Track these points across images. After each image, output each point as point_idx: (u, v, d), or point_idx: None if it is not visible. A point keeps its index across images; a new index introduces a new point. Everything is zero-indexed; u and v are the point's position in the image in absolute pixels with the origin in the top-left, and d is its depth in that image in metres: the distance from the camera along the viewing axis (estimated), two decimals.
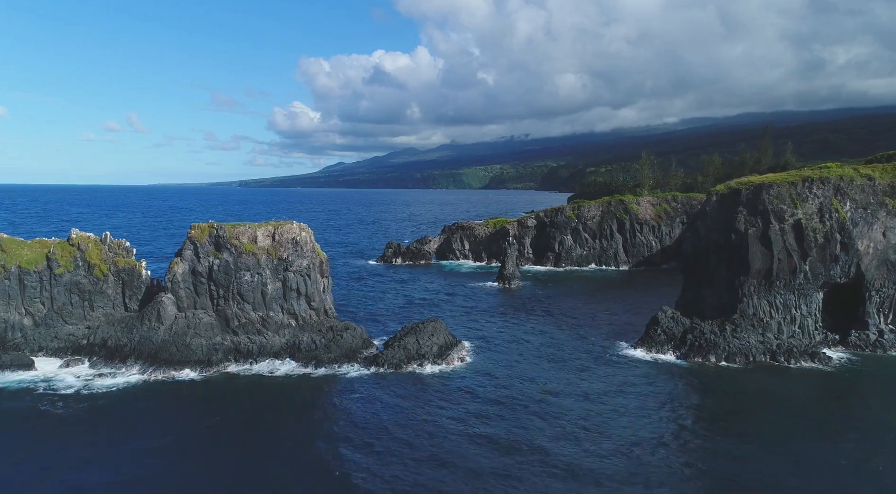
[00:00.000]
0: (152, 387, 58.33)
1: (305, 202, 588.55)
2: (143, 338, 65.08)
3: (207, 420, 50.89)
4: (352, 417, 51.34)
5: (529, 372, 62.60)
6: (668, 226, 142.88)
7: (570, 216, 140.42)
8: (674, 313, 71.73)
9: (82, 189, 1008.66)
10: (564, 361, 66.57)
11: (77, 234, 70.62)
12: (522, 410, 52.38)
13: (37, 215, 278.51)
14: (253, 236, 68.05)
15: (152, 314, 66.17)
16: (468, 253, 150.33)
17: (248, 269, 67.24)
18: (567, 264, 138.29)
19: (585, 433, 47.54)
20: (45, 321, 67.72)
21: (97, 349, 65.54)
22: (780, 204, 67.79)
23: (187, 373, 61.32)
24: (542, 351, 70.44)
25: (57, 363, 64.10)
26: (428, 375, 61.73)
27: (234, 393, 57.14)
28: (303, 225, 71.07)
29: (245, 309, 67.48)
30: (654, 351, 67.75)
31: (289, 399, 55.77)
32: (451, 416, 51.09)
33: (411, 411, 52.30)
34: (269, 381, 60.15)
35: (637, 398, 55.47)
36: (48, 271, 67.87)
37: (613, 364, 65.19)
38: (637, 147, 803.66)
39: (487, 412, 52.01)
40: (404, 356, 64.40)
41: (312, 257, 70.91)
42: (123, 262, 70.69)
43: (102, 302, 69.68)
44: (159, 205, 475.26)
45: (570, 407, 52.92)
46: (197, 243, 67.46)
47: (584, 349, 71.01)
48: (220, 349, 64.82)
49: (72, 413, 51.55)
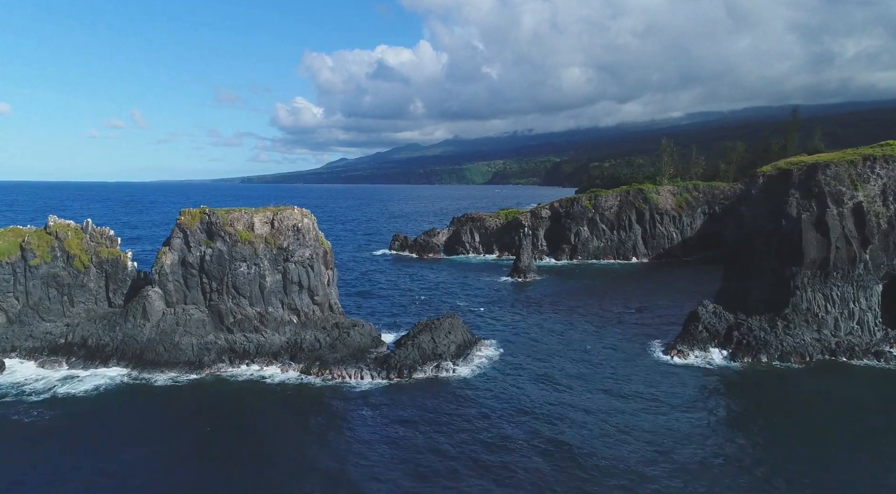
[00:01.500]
0: (136, 391, 51.54)
1: (308, 198, 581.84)
2: (127, 337, 58.28)
3: (197, 431, 44.09)
4: (362, 429, 44.53)
5: (560, 375, 55.67)
6: (689, 216, 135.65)
7: (586, 206, 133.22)
8: (715, 307, 64.70)
9: (84, 186, 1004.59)
10: (598, 362, 59.60)
11: (55, 221, 63.81)
12: (558, 421, 45.45)
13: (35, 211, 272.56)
14: (249, 222, 61.15)
15: (137, 309, 59.36)
16: (478, 246, 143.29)
17: (245, 259, 60.34)
18: (583, 257, 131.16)
19: (641, 453, 40.58)
20: (19, 317, 60.97)
21: (76, 348, 58.77)
22: (839, 185, 60.65)
23: (176, 376, 54.51)
24: (571, 351, 63.49)
25: (31, 364, 57.37)
26: (446, 378, 54.84)
27: (227, 399, 50.32)
28: (304, 211, 64.15)
29: (241, 304, 60.60)
30: (696, 350, 60.71)
31: (289, 407, 48.94)
32: (474, 429, 44.22)
33: (430, 422, 45.42)
34: (268, 385, 53.29)
35: (688, 406, 48.49)
36: (22, 262, 61.09)
37: (653, 365, 58.22)
38: (641, 142, 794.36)
39: (517, 423, 45.11)
40: (419, 357, 57.49)
41: (316, 246, 64.00)
42: (107, 252, 63.90)
43: (83, 297, 62.90)
44: (163, 201, 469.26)
45: (612, 417, 45.97)
46: (187, 230, 60.59)
47: (618, 349, 64.04)
48: (212, 349, 57.98)
49: (46, 423, 44.82)
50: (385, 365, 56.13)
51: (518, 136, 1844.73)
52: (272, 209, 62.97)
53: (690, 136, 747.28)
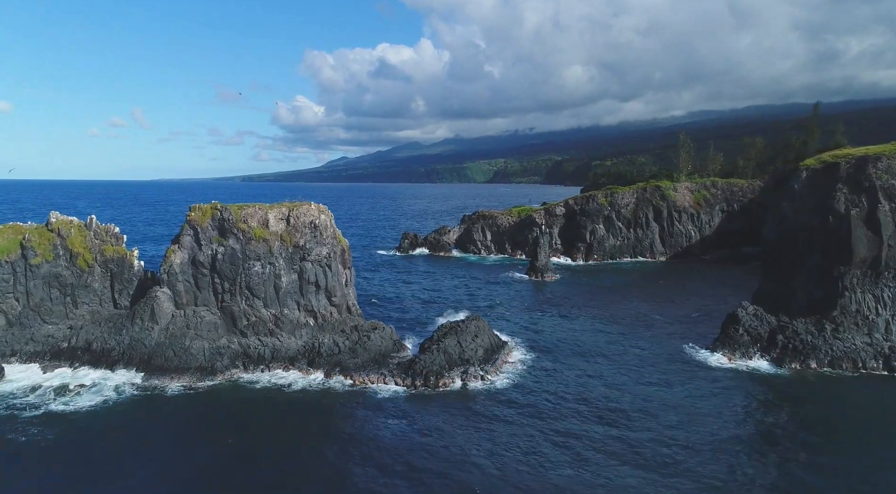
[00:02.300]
0: (145, 400, 47.97)
1: (310, 196, 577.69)
2: (134, 340, 54.74)
3: (213, 445, 40.55)
4: (388, 440, 41.10)
5: (596, 383, 52.11)
6: (707, 214, 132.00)
7: (602, 204, 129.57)
8: (756, 309, 61.14)
9: (84, 185, 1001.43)
10: (635, 367, 56.04)
11: (57, 218, 60.25)
12: (598, 438, 41.89)
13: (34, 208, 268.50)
14: (264, 219, 57.57)
15: (145, 311, 55.81)
16: (490, 244, 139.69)
17: (259, 258, 56.78)
18: (599, 256, 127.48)
19: (693, 471, 37.03)
20: (19, 319, 57.48)
21: (80, 353, 55.27)
22: (892, 179, 57.04)
23: (186, 383, 50.95)
24: (603, 356, 59.93)
25: (32, 369, 53.88)
26: (475, 385, 51.26)
27: (244, 409, 46.74)
28: (321, 206, 60.59)
29: (255, 306, 57.05)
30: (738, 355, 57.17)
31: (311, 417, 45.38)
32: (508, 444, 40.68)
33: (460, 434, 41.91)
34: (286, 393, 49.72)
35: (742, 420, 45.00)
36: (23, 261, 57.58)
37: (694, 372, 54.64)
38: (643, 141, 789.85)
39: (554, 438, 41.55)
40: (445, 362, 53.93)
41: (333, 244, 60.45)
42: (112, 250, 60.37)
43: (87, 298, 59.39)
44: (166, 198, 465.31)
45: (660, 429, 42.42)
46: (198, 227, 57.03)
47: (654, 352, 60.49)
48: (225, 354, 54.46)
49: (46, 438, 41.22)
50: (410, 371, 52.57)
51: (519, 134, 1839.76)
52: (287, 205, 59.39)
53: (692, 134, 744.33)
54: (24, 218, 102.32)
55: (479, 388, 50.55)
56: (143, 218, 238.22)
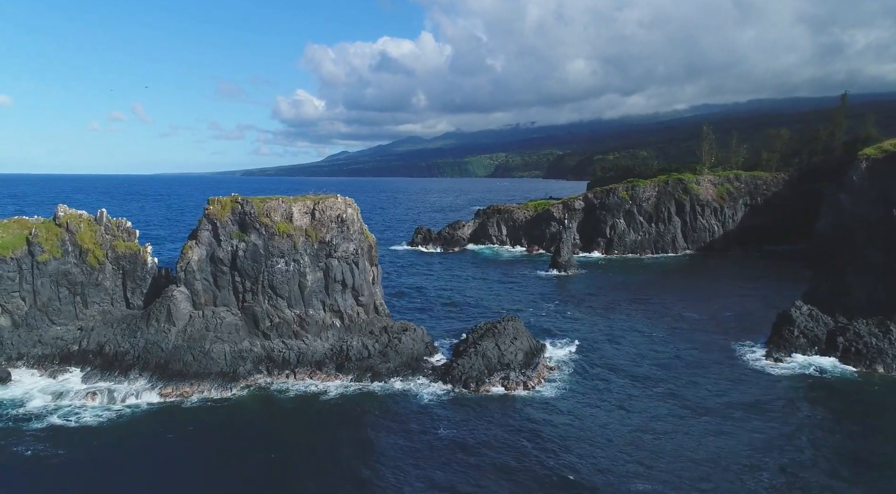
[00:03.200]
0: (162, 410, 44.22)
1: (311, 190, 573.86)
2: (149, 343, 50.94)
3: (240, 463, 36.80)
4: (428, 454, 37.44)
5: (646, 390, 48.33)
6: (731, 208, 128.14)
7: (623, 197, 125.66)
8: (810, 309, 57.36)
9: (85, 179, 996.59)
10: (685, 370, 52.29)
11: (65, 211, 56.36)
12: (653, 452, 38.15)
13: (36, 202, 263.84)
14: (288, 212, 53.69)
15: (161, 312, 51.99)
16: (505, 239, 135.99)
17: (283, 255, 52.95)
18: (620, 251, 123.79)
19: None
20: (25, 320, 53.64)
21: (92, 356, 51.48)
22: None
23: (207, 390, 47.19)
24: (648, 358, 56.21)
25: (40, 375, 50.15)
26: (517, 392, 47.48)
27: (270, 419, 43.00)
28: (348, 200, 56.71)
29: (278, 306, 53.25)
30: (797, 357, 53.43)
31: (343, 428, 41.61)
32: (559, 457, 36.97)
33: (506, 446, 38.22)
34: (315, 401, 45.94)
35: (809, 424, 41.24)
36: (29, 257, 53.72)
37: (752, 376, 50.88)
38: (645, 134, 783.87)
39: (607, 450, 37.82)
40: (484, 367, 50.20)
41: (360, 239, 56.61)
42: (124, 246, 56.50)
43: (98, 297, 55.56)
44: (168, 193, 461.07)
45: (724, 436, 38.72)
46: (217, 221, 53.15)
47: (701, 354, 56.77)
48: (248, 358, 50.68)
49: (56, 454, 37.52)
50: (448, 377, 48.85)
51: (520, 128, 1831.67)
52: (312, 198, 55.53)
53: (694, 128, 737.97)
54: (27, 212, 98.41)
55: (522, 395, 46.77)
56: (146, 213, 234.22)
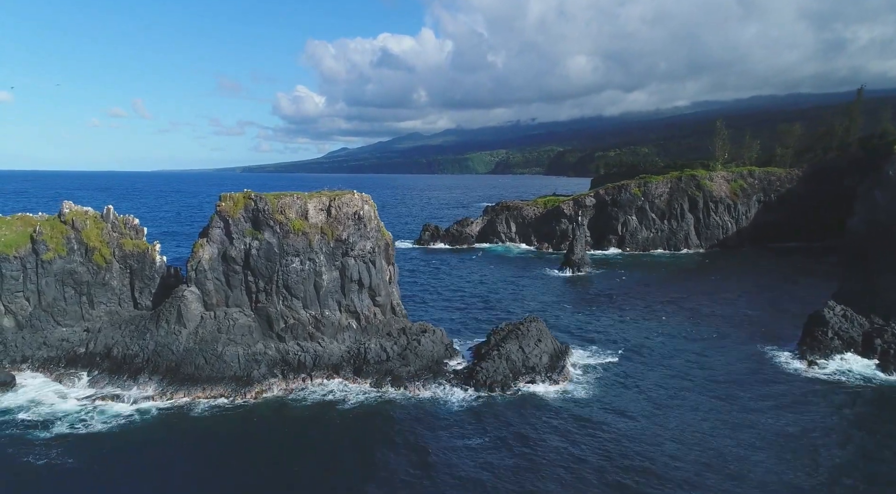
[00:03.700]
0: (174, 416, 42.13)
1: (312, 187, 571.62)
2: (159, 346, 48.85)
3: (258, 474, 34.74)
4: (456, 464, 35.29)
5: (679, 390, 46.28)
6: (744, 205, 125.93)
7: (635, 194, 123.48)
8: (845, 310, 55.30)
9: (86, 176, 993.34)
10: (716, 372, 50.21)
11: (71, 208, 54.24)
12: (694, 465, 36.11)
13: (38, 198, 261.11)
14: (303, 209, 51.54)
15: (171, 313, 49.88)
16: (515, 236, 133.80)
17: (298, 253, 50.83)
18: (631, 248, 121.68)
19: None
20: (30, 321, 51.61)
21: (99, 359, 49.41)
22: None
23: (220, 395, 45.12)
24: (677, 358, 54.17)
25: (45, 379, 48.11)
26: (546, 398, 45.40)
27: (288, 430, 40.77)
28: (365, 196, 54.61)
29: (293, 307, 51.15)
30: (833, 360, 51.37)
31: (371, 442, 39.36)
32: (598, 472, 34.90)
33: (540, 458, 36.14)
34: (333, 406, 43.80)
35: (864, 448, 39.19)
36: (33, 256, 51.65)
37: (788, 379, 48.84)
38: (646, 131, 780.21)
39: (650, 461, 35.79)
40: (509, 371, 48.14)
41: (377, 237, 54.51)
42: (131, 244, 54.40)
43: (105, 297, 53.51)
44: (168, 190, 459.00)
45: (764, 447, 36.69)
46: (229, 219, 51.02)
47: (731, 357, 54.73)
48: (262, 361, 48.59)
49: (65, 463, 35.52)
50: (472, 381, 46.73)
51: (521, 125, 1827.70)
52: (328, 194, 53.39)
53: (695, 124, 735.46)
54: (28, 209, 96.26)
55: (551, 399, 44.70)
56: (150, 210, 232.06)
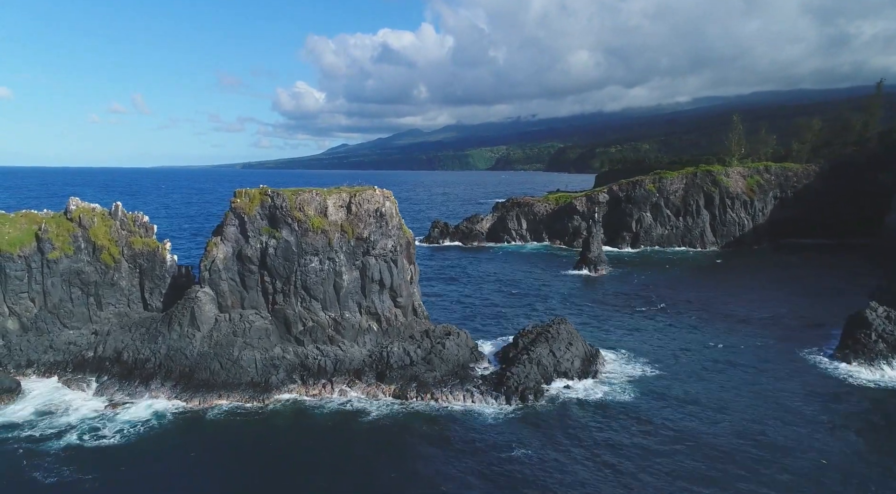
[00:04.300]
0: (189, 426, 39.70)
1: (314, 183, 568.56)
2: (172, 350, 46.39)
3: (278, 487, 32.32)
4: (495, 479, 32.87)
5: (725, 406, 43.73)
6: (760, 201, 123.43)
7: (650, 190, 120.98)
8: (888, 310, 52.85)
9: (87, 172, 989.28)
10: (756, 377, 47.81)
11: (77, 205, 51.76)
12: (743, 477, 33.72)
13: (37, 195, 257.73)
14: (322, 206, 49.04)
15: (184, 315, 47.41)
16: (525, 233, 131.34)
17: (317, 252, 48.34)
18: (646, 245, 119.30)
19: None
20: (35, 324, 49.17)
21: (108, 364, 46.98)
22: None
23: (238, 402, 42.72)
24: (711, 361, 51.79)
25: (52, 384, 45.69)
26: (581, 404, 42.98)
27: (310, 442, 38.31)
28: (386, 192, 52.07)
29: (312, 308, 48.70)
30: (879, 364, 48.96)
31: (393, 449, 37.01)
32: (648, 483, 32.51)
33: (583, 472, 33.70)
34: (357, 415, 41.36)
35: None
36: (38, 255, 49.19)
37: (832, 384, 46.48)
38: (646, 127, 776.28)
39: (695, 475, 33.37)
40: (540, 376, 45.72)
41: (399, 235, 52.02)
42: (141, 243, 51.93)
43: (113, 298, 51.09)
44: (168, 186, 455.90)
45: (828, 455, 34.30)
46: (244, 216, 48.53)
47: (769, 359, 52.35)
48: (280, 366, 46.16)
49: (72, 484, 32.99)
50: (502, 388, 44.25)
51: (521, 121, 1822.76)
52: (348, 190, 50.87)
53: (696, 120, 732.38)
54: (30, 206, 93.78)
55: (590, 412, 42.21)
56: (152, 207, 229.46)
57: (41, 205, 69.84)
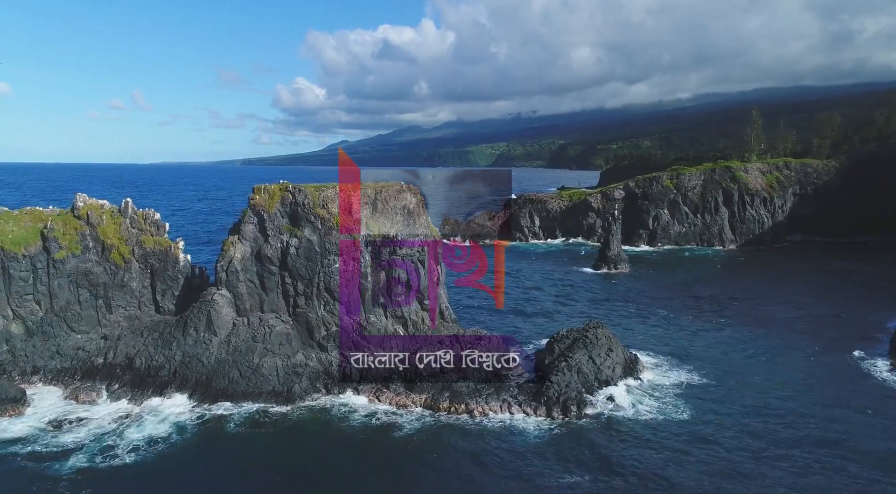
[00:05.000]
0: (207, 442, 36.76)
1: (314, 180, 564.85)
2: (187, 356, 43.50)
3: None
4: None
5: (787, 422, 40.76)
6: (780, 198, 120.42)
7: (667, 186, 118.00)
8: None
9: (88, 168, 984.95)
10: (817, 394, 44.87)
11: (85, 201, 48.81)
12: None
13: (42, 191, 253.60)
14: (346, 203, 46.08)
15: (200, 319, 44.50)
16: (538, 230, 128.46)
17: (341, 252, 45.42)
18: (664, 243, 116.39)
19: None
20: (41, 327, 46.32)
21: (120, 371, 44.14)
22: None
23: (259, 413, 39.81)
24: (756, 368, 48.95)
25: (59, 393, 42.85)
26: (628, 417, 40.06)
27: (339, 458, 35.52)
28: (413, 188, 49.22)
29: (336, 312, 45.76)
30: None
31: (436, 473, 34.05)
32: None
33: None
34: (388, 429, 38.47)
35: None
36: (44, 254, 46.32)
37: (890, 393, 43.61)
38: (646, 124, 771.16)
39: None
40: (581, 385, 42.83)
41: (426, 234, 49.11)
42: (152, 242, 49.02)
43: (124, 300, 48.20)
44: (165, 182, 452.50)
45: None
46: (264, 213, 45.59)
47: (819, 366, 49.47)
48: (303, 374, 43.27)
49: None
50: (542, 398, 41.30)
51: (522, 117, 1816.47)
52: (373, 186, 47.94)
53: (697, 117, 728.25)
54: (35, 202, 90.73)
55: (641, 426, 39.22)
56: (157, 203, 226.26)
57: (46, 202, 66.81)
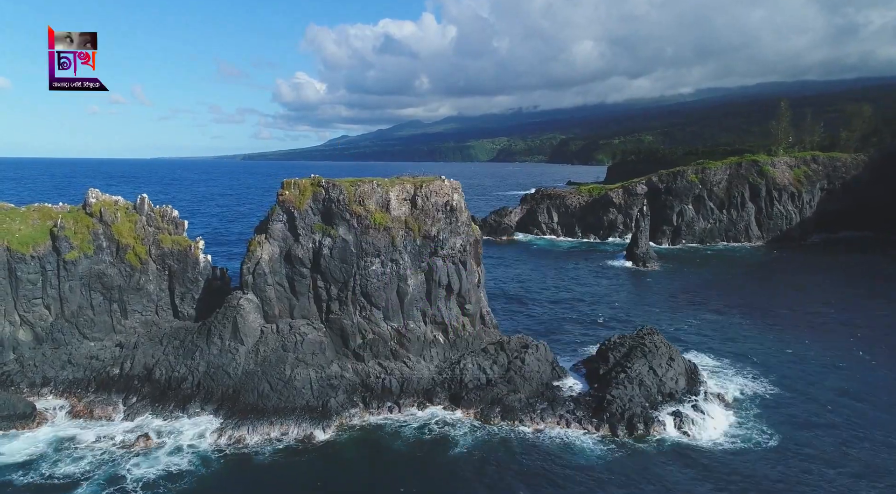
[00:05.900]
0: (237, 467, 32.94)
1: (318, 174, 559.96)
2: (212, 367, 39.73)
3: None
4: None
5: (862, 420, 37.25)
6: (808, 193, 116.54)
7: (692, 181, 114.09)
8: None
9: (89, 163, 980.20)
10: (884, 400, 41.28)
11: (97, 198, 44.96)
12: None
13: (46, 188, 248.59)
14: (384, 199, 42.26)
15: (225, 326, 40.71)
16: (556, 226, 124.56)
17: (379, 253, 41.63)
18: (688, 240, 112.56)
19: None
20: (51, 334, 42.52)
21: (137, 383, 40.36)
22: None
23: (292, 432, 36.05)
24: (835, 379, 45.25)
25: (71, 407, 39.08)
26: (722, 444, 36.12)
27: (389, 478, 31.78)
28: (454, 183, 45.29)
29: (373, 318, 42.02)
30: None
31: (487, 490, 30.42)
32: None
33: None
34: (436, 448, 34.78)
35: None
36: (54, 255, 42.51)
37: None
38: (648, 119, 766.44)
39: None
40: (645, 400, 39.08)
41: (468, 233, 45.32)
42: (170, 241, 45.19)
43: (140, 304, 44.41)
44: (168, 177, 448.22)
45: None
46: (294, 210, 41.76)
47: (884, 372, 45.83)
48: (339, 386, 39.50)
49: None
50: (604, 414, 37.59)
51: (523, 112, 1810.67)
52: (411, 180, 44.09)
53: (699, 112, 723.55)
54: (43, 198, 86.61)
55: (722, 451, 35.38)
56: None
57: (54, 197, 62.95)
